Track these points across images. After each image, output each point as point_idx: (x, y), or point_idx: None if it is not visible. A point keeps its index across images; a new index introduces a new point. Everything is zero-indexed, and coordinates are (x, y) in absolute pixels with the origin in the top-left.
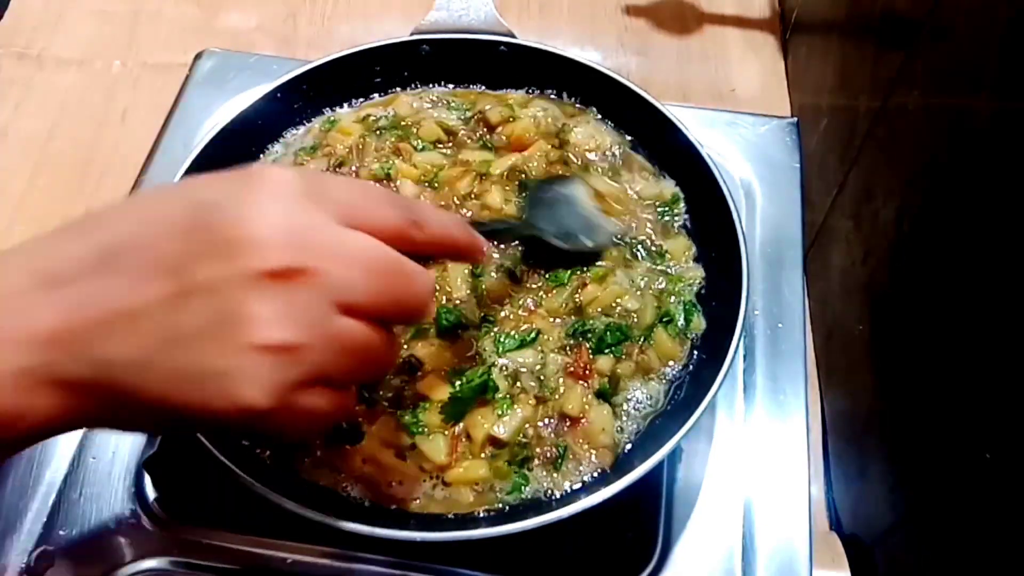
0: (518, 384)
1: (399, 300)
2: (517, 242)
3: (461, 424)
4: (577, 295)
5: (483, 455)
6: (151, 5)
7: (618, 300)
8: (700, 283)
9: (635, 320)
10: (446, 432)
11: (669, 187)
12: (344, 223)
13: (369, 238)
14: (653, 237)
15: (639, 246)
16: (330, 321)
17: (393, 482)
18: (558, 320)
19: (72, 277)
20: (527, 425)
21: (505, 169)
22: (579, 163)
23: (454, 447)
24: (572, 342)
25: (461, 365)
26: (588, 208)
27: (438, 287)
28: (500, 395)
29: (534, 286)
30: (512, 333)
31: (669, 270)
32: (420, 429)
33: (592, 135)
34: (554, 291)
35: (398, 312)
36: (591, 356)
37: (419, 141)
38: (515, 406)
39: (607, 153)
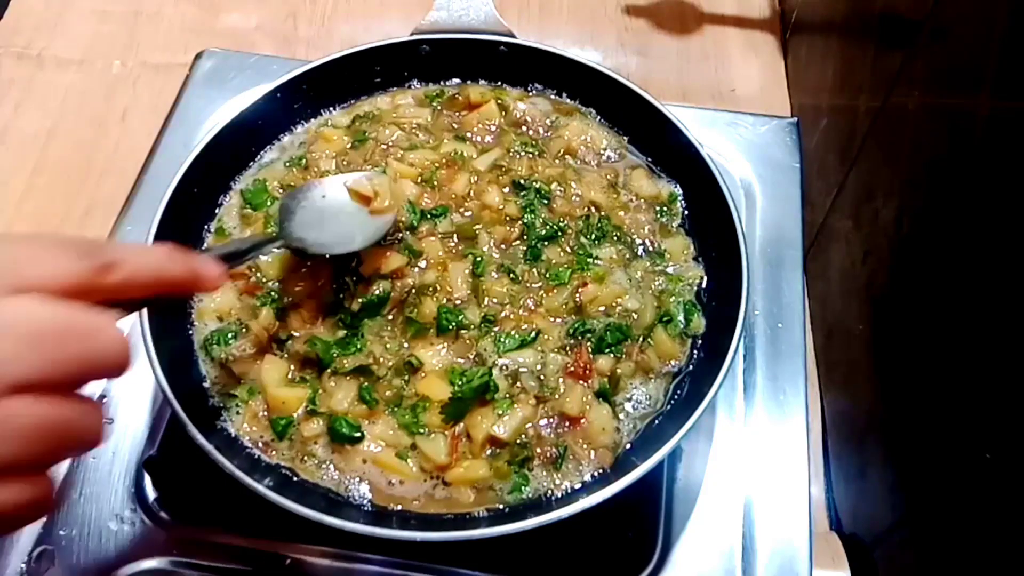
0: (518, 384)
1: (78, 361)
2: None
3: (461, 424)
4: (577, 295)
5: (483, 455)
6: (151, 5)
7: (618, 300)
8: (700, 283)
9: (635, 319)
10: (446, 432)
11: (667, 187)
12: (7, 288)
13: (30, 302)
14: (652, 237)
15: (639, 246)
16: None
17: (393, 482)
18: (558, 320)
19: None
20: (527, 425)
21: (489, 164)
22: (527, 130)
23: (454, 447)
24: (572, 342)
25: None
26: (349, 208)
27: (438, 287)
28: (500, 395)
29: (534, 285)
30: (512, 333)
31: (669, 270)
32: (420, 429)
33: (583, 131)
34: (554, 290)
35: (82, 373)
36: (591, 356)
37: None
38: (515, 406)
39: (601, 151)
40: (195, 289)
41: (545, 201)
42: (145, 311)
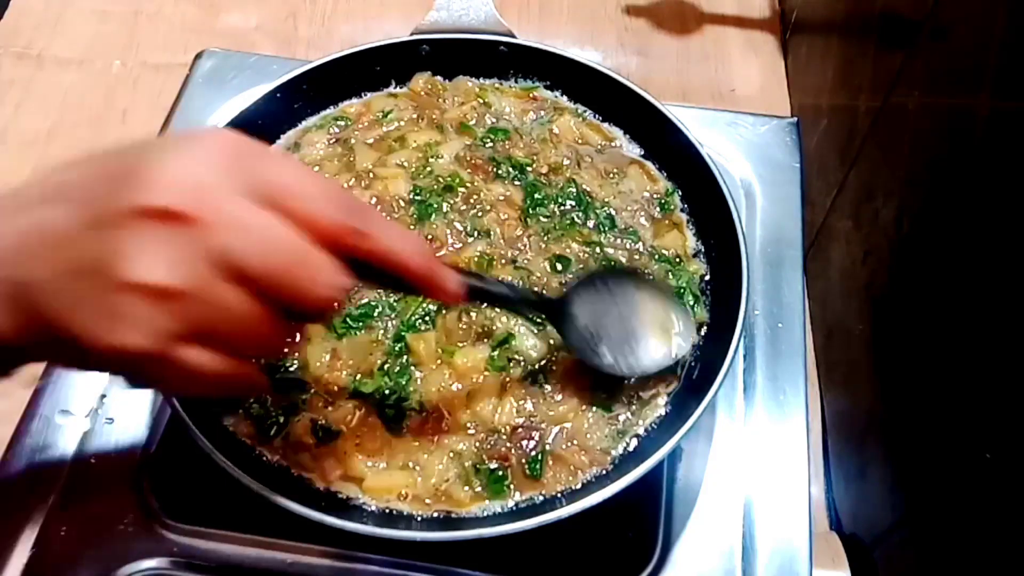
0: (518, 370)
1: (290, 284)
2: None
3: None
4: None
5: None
6: (151, 5)
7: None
8: (700, 281)
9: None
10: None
11: (664, 182)
12: (261, 202)
13: (276, 219)
14: (651, 235)
15: (639, 243)
16: (210, 277)
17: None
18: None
19: (19, 208)
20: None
21: (453, 154)
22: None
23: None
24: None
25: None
26: (649, 320)
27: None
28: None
29: (539, 275)
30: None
31: (669, 265)
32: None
33: (572, 127)
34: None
35: (288, 296)
36: None
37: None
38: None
39: (598, 147)
40: (427, 293)
41: (523, 172)
42: None
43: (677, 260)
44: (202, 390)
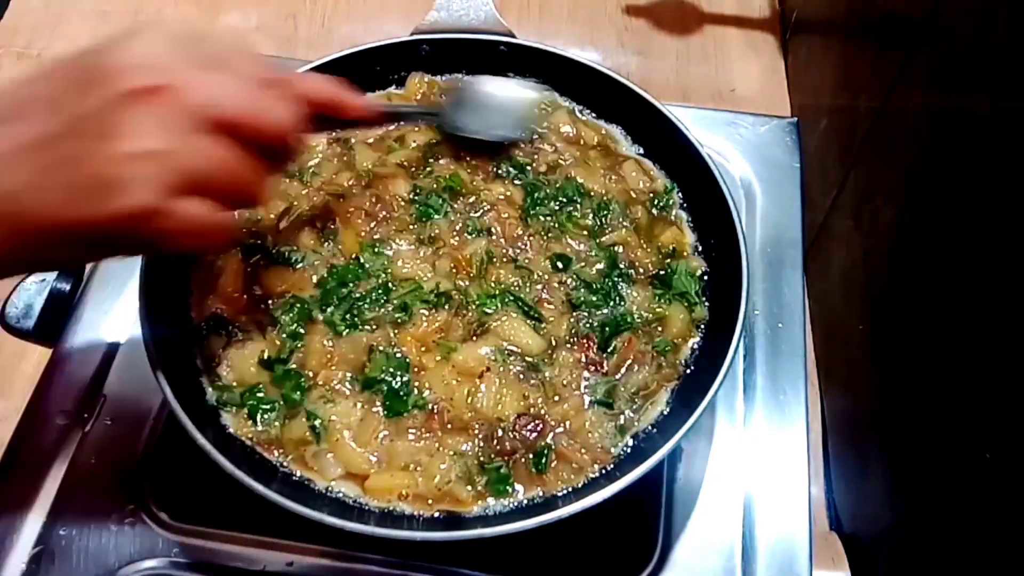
0: (519, 368)
1: (255, 118)
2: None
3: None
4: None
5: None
6: (151, 5)
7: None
8: (703, 275)
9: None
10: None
11: (663, 181)
12: (209, 67)
13: (228, 75)
14: (650, 231)
15: (638, 239)
16: (194, 132)
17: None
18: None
19: None
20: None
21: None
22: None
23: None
24: (577, 335)
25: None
26: (508, 103)
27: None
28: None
29: (539, 274)
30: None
31: (667, 260)
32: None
33: (564, 121)
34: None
35: (256, 130)
36: (597, 349)
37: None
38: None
39: (593, 144)
40: (339, 114)
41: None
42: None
43: (675, 255)
44: (194, 241)
